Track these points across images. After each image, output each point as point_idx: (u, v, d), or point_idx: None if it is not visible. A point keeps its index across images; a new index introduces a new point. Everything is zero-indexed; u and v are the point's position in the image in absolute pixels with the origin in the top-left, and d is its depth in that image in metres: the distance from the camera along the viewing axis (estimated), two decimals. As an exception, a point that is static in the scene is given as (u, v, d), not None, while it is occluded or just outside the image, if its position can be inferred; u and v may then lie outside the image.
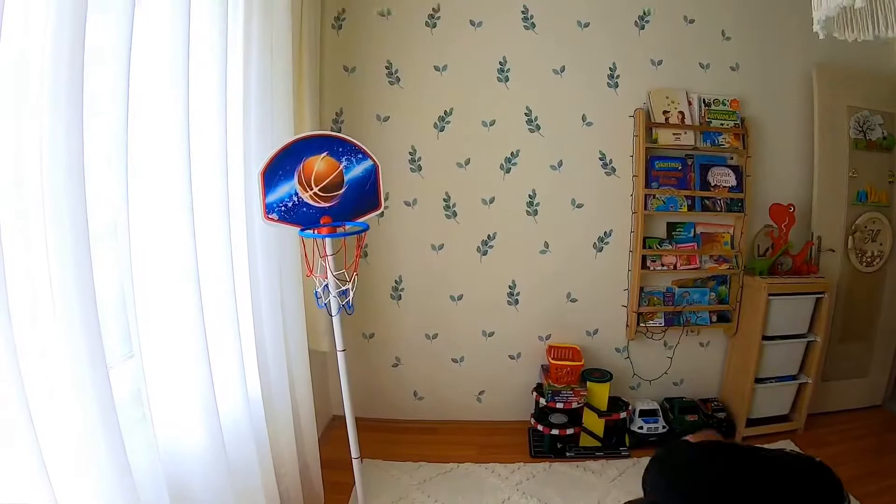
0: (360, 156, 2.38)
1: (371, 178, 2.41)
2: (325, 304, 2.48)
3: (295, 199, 2.30)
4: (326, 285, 2.47)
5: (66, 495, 1.39)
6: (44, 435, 1.32)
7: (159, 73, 1.82)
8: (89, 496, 1.47)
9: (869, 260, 4.09)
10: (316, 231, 2.35)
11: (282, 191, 2.28)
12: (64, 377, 1.40)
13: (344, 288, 2.45)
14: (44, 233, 1.35)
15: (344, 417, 2.73)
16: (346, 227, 2.41)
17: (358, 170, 2.37)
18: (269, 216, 2.30)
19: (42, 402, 1.37)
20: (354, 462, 2.73)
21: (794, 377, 3.90)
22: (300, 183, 2.29)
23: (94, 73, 1.50)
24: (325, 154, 2.31)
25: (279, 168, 2.26)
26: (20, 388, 1.26)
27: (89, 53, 1.42)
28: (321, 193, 2.31)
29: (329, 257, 2.39)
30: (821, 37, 1.94)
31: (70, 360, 1.40)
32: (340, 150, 2.35)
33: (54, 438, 1.40)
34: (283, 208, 2.30)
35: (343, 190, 2.36)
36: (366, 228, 2.42)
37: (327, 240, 2.38)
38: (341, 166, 2.34)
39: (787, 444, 3.72)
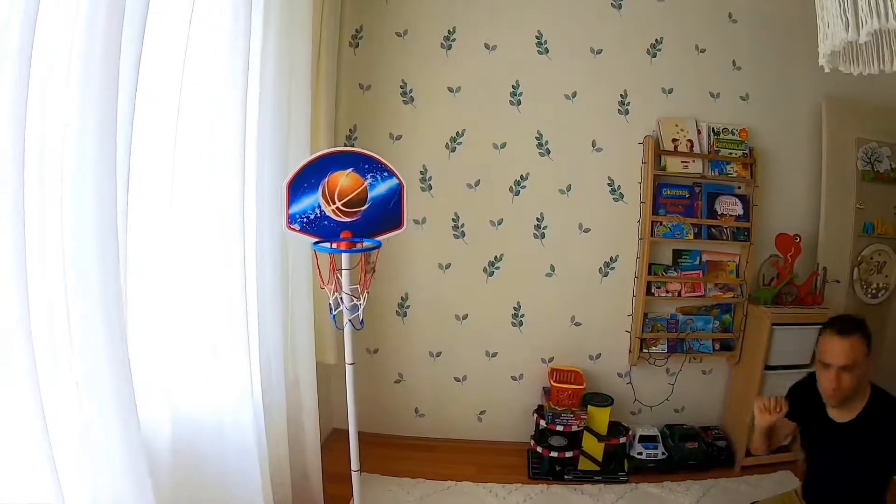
0: (385, 174, 2.39)
1: (395, 196, 2.41)
2: (335, 317, 2.49)
3: (317, 211, 2.31)
4: (338, 299, 2.47)
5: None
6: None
7: (183, 81, 1.92)
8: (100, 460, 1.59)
9: (874, 292, 4.09)
10: (334, 245, 2.36)
11: (305, 203, 2.29)
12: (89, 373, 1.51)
13: (354, 303, 2.45)
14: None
15: (343, 430, 2.72)
16: (364, 243, 2.41)
17: (382, 188, 2.38)
18: (291, 226, 2.32)
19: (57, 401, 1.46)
20: (354, 475, 2.70)
21: (795, 408, 3.89)
22: (324, 196, 2.30)
23: (122, 97, 1.59)
24: (350, 170, 2.33)
25: (304, 181, 2.28)
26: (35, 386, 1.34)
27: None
28: (344, 208, 2.33)
29: (346, 271, 2.40)
30: (826, 70, 1.96)
31: (95, 359, 1.52)
32: (366, 167, 2.36)
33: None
34: (304, 220, 2.31)
35: (366, 206, 2.37)
36: (378, 245, 2.41)
37: (344, 255, 2.40)
38: (366, 183, 2.35)
39: (786, 476, 3.72)
